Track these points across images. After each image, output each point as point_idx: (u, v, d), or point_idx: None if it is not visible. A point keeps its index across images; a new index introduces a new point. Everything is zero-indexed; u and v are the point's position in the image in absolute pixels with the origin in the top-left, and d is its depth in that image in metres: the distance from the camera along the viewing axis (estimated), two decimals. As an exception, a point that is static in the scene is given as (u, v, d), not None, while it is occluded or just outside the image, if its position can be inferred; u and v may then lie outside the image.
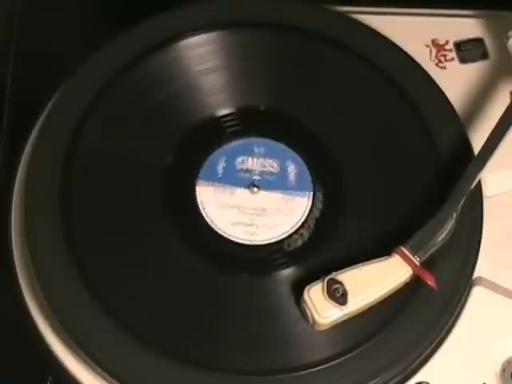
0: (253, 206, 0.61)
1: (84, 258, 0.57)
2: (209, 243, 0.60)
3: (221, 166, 0.62)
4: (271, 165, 0.62)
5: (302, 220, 0.60)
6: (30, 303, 0.59)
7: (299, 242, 0.60)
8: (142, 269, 0.58)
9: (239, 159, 0.62)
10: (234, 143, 0.63)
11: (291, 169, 0.62)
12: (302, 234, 0.60)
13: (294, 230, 0.60)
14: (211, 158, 0.62)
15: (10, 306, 0.59)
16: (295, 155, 0.62)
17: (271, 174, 0.62)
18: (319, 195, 0.61)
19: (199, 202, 0.61)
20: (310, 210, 0.61)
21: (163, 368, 0.54)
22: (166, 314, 0.57)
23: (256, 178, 0.62)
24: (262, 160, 0.62)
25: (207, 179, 0.62)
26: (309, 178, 0.62)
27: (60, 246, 0.57)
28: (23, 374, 0.58)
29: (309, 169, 0.62)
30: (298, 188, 0.61)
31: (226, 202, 0.61)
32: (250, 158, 0.62)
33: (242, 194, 0.61)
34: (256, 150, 0.62)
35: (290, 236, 0.60)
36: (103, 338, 0.55)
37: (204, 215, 0.61)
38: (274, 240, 0.60)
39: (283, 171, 0.62)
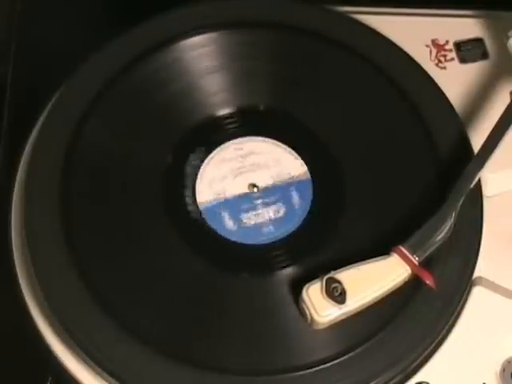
0: (245, 172, 0.62)
1: (84, 258, 0.57)
2: (209, 243, 0.60)
3: (294, 195, 0.62)
4: (252, 222, 0.61)
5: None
6: (30, 303, 0.59)
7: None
8: (141, 269, 0.58)
9: (280, 207, 0.62)
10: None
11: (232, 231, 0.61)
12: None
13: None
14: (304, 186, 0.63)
15: (10, 306, 0.59)
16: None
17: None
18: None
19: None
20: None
21: (163, 368, 0.54)
22: (166, 314, 0.57)
23: (257, 200, 0.62)
24: (265, 221, 0.61)
25: (292, 155, 0.63)
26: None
27: (60, 247, 0.57)
28: (23, 374, 0.58)
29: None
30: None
31: (264, 153, 0.63)
32: (272, 217, 0.61)
33: (260, 176, 0.62)
34: (283, 230, 0.61)
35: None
36: (103, 338, 0.55)
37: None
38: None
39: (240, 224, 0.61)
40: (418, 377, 0.57)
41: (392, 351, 0.55)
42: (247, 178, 0.62)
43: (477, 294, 0.59)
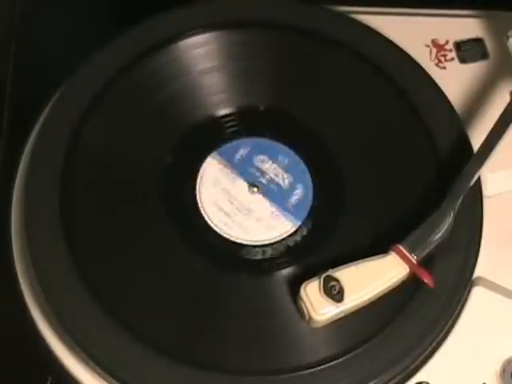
0: (242, 201, 0.61)
1: (84, 258, 0.57)
2: (209, 243, 0.60)
3: (240, 154, 0.62)
4: (284, 179, 0.62)
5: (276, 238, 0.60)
6: (30, 303, 0.59)
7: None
8: (142, 269, 0.58)
9: (260, 157, 0.62)
10: (266, 142, 0.63)
11: (298, 192, 0.61)
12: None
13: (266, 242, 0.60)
14: (238, 142, 0.63)
15: (10, 306, 0.59)
16: (309, 181, 0.61)
17: (278, 186, 0.62)
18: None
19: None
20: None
21: (163, 368, 0.54)
22: (166, 314, 0.57)
23: (263, 181, 0.62)
24: (278, 170, 0.62)
25: (222, 156, 0.62)
26: (307, 209, 0.61)
27: (60, 247, 0.57)
28: (23, 374, 0.58)
29: (314, 194, 0.61)
30: (291, 213, 0.61)
31: (224, 185, 0.61)
32: (270, 162, 0.62)
33: (240, 186, 0.61)
34: (280, 158, 0.62)
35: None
36: (103, 338, 0.55)
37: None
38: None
39: (290, 191, 0.61)
40: (418, 377, 0.57)
41: (392, 351, 0.55)
42: (243, 200, 0.61)
43: (477, 294, 0.59)
